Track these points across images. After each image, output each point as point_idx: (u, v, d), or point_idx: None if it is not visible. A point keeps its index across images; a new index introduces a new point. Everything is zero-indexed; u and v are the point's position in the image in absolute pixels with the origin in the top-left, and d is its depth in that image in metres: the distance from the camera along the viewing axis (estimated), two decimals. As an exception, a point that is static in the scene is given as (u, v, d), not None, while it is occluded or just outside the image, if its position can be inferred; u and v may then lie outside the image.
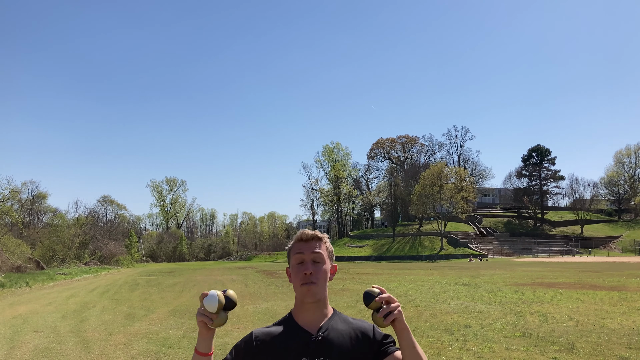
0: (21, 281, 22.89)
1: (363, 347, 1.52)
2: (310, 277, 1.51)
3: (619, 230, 66.78)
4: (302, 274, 1.52)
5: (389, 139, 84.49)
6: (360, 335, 1.53)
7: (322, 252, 1.56)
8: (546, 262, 40.07)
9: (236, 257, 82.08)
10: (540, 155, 73.18)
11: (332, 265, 1.61)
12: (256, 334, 1.56)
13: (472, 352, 6.95)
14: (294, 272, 1.56)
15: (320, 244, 1.58)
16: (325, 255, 1.58)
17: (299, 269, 1.54)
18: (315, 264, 1.54)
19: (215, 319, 1.42)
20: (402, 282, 20.52)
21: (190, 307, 13.16)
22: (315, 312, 1.55)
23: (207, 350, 1.46)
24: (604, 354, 6.73)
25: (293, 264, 1.57)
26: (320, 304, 1.55)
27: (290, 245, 1.62)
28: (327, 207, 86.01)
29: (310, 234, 1.58)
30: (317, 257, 1.55)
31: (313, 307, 1.54)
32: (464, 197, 60.33)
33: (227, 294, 1.45)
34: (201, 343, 1.46)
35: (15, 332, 9.59)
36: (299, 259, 1.55)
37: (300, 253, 1.55)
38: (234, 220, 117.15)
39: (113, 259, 50.89)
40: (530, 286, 17.34)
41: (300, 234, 1.59)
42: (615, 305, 11.84)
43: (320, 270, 1.54)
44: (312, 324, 1.53)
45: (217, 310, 1.41)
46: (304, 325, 1.54)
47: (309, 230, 1.59)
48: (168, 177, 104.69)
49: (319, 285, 1.52)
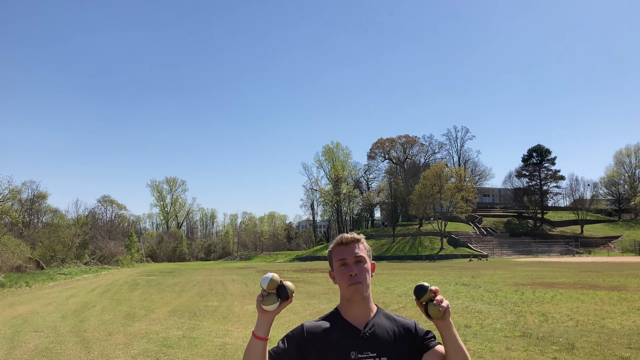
0: (21, 281, 22.88)
1: (406, 342, 1.63)
2: (356, 277, 1.62)
3: (619, 230, 66.78)
4: (348, 276, 1.63)
5: (389, 139, 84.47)
6: (403, 331, 1.66)
7: (362, 254, 1.67)
8: (546, 262, 40.07)
9: (236, 257, 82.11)
10: (540, 155, 73.18)
11: (372, 262, 1.73)
12: (307, 327, 1.66)
13: (472, 352, 6.94)
14: (339, 274, 1.66)
15: (359, 244, 1.69)
16: (365, 255, 1.69)
17: (343, 271, 1.65)
18: (357, 264, 1.65)
19: (265, 295, 1.51)
20: (402, 282, 20.51)
21: (190, 307, 13.16)
22: (362, 309, 1.66)
23: (263, 335, 1.54)
24: (604, 354, 6.73)
25: (337, 267, 1.68)
26: (366, 301, 1.67)
27: (330, 248, 1.73)
28: (327, 207, 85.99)
29: (350, 238, 1.69)
30: (359, 258, 1.66)
31: (360, 304, 1.66)
32: (464, 197, 60.33)
33: (286, 284, 1.55)
34: (258, 326, 1.55)
35: (15, 332, 9.59)
36: (342, 262, 1.66)
37: (343, 257, 1.66)
38: (234, 220, 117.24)
39: (113, 259, 50.89)
40: (530, 286, 17.34)
41: (340, 239, 1.70)
42: (615, 305, 11.83)
43: (363, 270, 1.65)
44: (359, 320, 1.65)
45: (267, 287, 1.51)
46: (351, 321, 1.65)
47: (348, 235, 1.70)
48: (168, 177, 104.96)
49: (364, 284, 1.63)
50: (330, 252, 1.72)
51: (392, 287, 18.11)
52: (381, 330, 1.63)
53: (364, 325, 1.63)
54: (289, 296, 1.55)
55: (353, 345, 1.58)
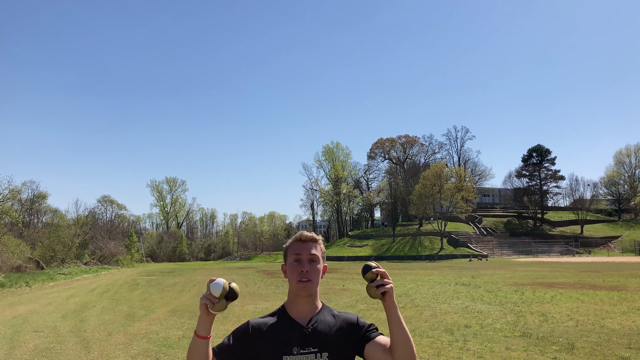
0: (21, 281, 22.88)
1: (349, 335, 1.69)
2: (307, 274, 1.68)
3: (619, 230, 66.74)
4: (299, 271, 1.69)
5: (389, 139, 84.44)
6: (345, 325, 1.72)
7: (317, 254, 1.73)
8: (546, 262, 40.07)
9: (236, 257, 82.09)
10: (540, 155, 73.14)
11: (324, 265, 1.79)
12: (252, 323, 1.72)
13: (472, 352, 6.95)
14: (291, 269, 1.72)
15: (316, 245, 1.75)
16: (320, 255, 1.75)
17: (295, 267, 1.71)
18: (310, 263, 1.71)
19: (216, 302, 1.56)
20: (402, 282, 20.51)
21: (190, 307, 13.16)
22: (307, 306, 1.72)
23: (205, 334, 1.59)
24: (604, 354, 6.73)
25: (290, 261, 1.74)
26: (312, 298, 1.73)
27: (288, 244, 1.79)
28: (327, 207, 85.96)
29: (309, 236, 1.75)
30: (313, 257, 1.72)
31: (305, 301, 1.72)
32: (464, 197, 60.31)
33: (231, 285, 1.61)
34: (201, 326, 1.59)
35: (15, 332, 9.59)
36: (296, 257, 1.72)
37: (298, 253, 1.72)
38: (234, 220, 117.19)
39: (113, 258, 50.87)
40: (530, 286, 17.35)
41: (299, 235, 1.77)
42: (615, 305, 11.84)
43: (315, 269, 1.72)
44: (303, 316, 1.71)
45: (219, 296, 1.56)
46: (296, 317, 1.71)
47: (307, 233, 1.77)
48: (168, 177, 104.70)
49: (313, 282, 1.70)
50: (287, 247, 1.78)
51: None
52: (323, 326, 1.69)
53: (307, 322, 1.69)
54: (237, 297, 1.62)
55: (296, 340, 1.65)
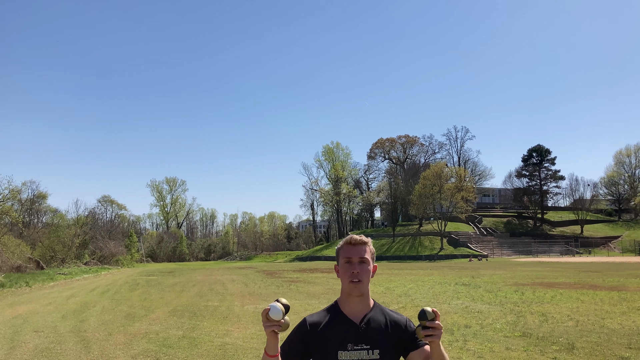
0: (21, 281, 22.87)
1: (396, 336, 1.80)
2: (357, 275, 1.78)
3: (619, 230, 66.73)
4: (350, 272, 1.79)
5: (389, 139, 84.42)
6: (395, 326, 1.82)
7: (367, 256, 1.83)
8: (546, 262, 40.06)
9: (236, 257, 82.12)
10: (540, 155, 73.08)
11: (374, 265, 1.88)
12: (309, 321, 1.85)
13: (472, 352, 6.95)
14: (343, 270, 1.83)
15: (366, 247, 1.85)
16: (369, 257, 1.84)
17: (347, 268, 1.81)
18: (361, 264, 1.81)
19: (282, 324, 1.71)
20: (402, 282, 20.51)
21: (190, 307, 13.16)
22: (359, 305, 1.83)
23: (275, 352, 1.73)
24: (604, 354, 6.73)
25: (342, 263, 1.84)
26: (364, 297, 1.83)
27: (339, 246, 1.90)
28: (327, 207, 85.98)
29: (359, 240, 1.84)
30: (363, 259, 1.82)
31: (358, 300, 1.82)
32: (464, 197, 60.28)
33: (282, 302, 1.74)
34: (271, 346, 1.72)
35: (15, 332, 9.59)
36: (347, 259, 1.82)
37: (349, 256, 1.82)
38: (234, 220, 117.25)
39: (113, 259, 50.90)
40: (530, 286, 17.34)
41: (350, 239, 1.86)
42: (615, 305, 11.83)
43: (365, 270, 1.81)
44: (356, 314, 1.82)
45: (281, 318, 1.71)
46: (349, 315, 1.82)
47: (357, 236, 1.86)
48: (168, 177, 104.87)
49: (363, 282, 1.80)
50: (339, 249, 1.88)
51: (392, 287, 18.10)
52: (376, 324, 1.79)
53: (360, 320, 1.79)
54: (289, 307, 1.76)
55: (350, 337, 1.75)
